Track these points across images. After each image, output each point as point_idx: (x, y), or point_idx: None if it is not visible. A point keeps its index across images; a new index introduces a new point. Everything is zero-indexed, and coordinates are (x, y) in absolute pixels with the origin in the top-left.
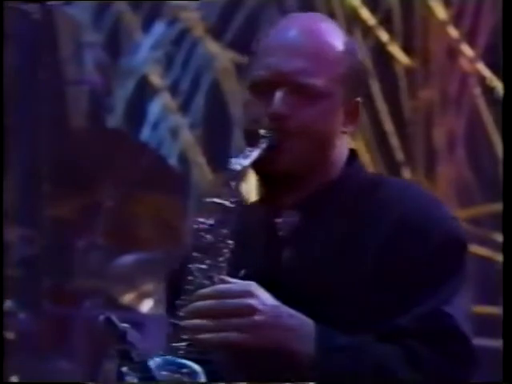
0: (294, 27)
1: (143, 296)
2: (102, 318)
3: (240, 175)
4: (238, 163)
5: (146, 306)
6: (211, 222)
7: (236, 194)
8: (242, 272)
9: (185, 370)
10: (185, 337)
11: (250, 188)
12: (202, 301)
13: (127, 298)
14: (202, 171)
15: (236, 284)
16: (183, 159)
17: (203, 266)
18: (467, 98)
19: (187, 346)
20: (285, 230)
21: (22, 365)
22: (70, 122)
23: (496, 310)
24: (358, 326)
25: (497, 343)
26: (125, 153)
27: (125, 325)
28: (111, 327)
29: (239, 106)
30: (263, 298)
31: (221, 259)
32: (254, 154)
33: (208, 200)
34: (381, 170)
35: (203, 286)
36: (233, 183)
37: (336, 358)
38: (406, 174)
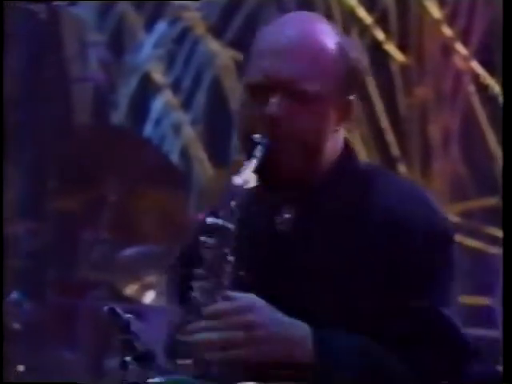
0: (287, 29)
1: (146, 288)
2: (106, 309)
3: (239, 194)
4: (237, 181)
5: (149, 297)
6: (213, 241)
7: (235, 213)
8: (242, 273)
9: None
10: (188, 354)
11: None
12: (204, 320)
13: (130, 289)
14: (203, 166)
15: (237, 300)
16: (185, 155)
17: (206, 285)
18: (461, 95)
19: (190, 363)
20: (283, 225)
21: (27, 355)
22: (75, 118)
23: (490, 301)
24: (353, 315)
25: (489, 333)
26: (128, 149)
27: (128, 315)
28: (115, 318)
29: (239, 102)
30: (263, 311)
31: (223, 277)
32: (250, 168)
33: (209, 221)
34: None
35: (205, 305)
36: (233, 203)
37: (335, 359)
38: (402, 169)
